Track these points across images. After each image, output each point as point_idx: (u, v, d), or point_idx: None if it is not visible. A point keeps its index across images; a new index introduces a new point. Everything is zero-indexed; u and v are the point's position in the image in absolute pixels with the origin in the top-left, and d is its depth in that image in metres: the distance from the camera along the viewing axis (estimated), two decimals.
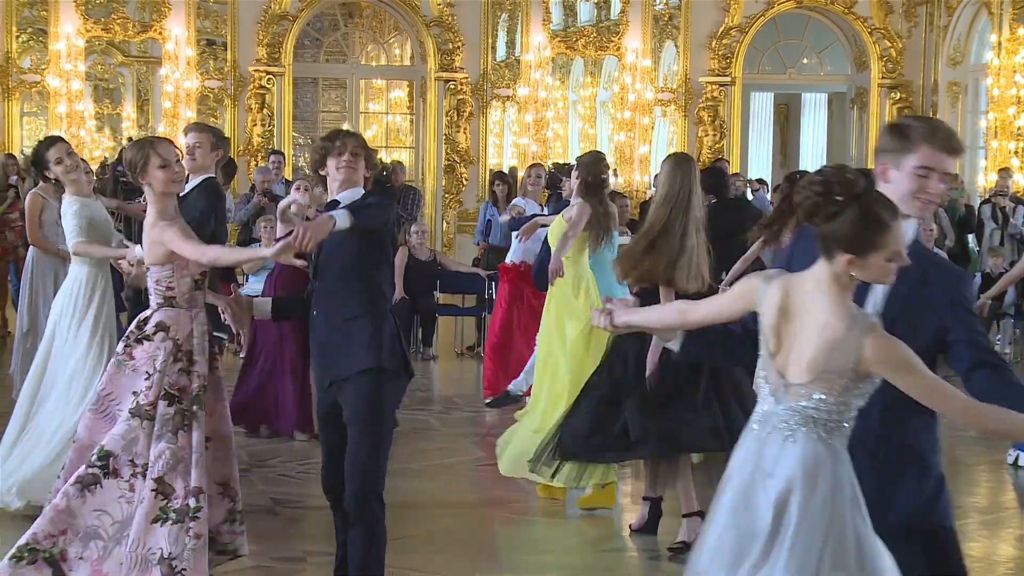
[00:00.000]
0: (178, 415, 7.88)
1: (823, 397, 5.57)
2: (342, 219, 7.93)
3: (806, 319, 5.60)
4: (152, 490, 7.81)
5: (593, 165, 13.18)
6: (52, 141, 11.92)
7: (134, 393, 7.92)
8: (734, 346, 6.83)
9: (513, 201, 18.99)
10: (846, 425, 5.68)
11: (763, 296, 5.68)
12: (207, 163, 10.77)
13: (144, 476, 7.82)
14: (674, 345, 6.25)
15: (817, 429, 5.59)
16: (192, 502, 7.83)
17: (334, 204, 8.11)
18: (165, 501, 7.80)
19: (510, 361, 16.52)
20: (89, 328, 11.11)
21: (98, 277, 11.29)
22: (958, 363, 5.95)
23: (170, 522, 7.77)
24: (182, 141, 11.26)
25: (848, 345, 5.44)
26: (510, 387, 15.69)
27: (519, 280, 16.50)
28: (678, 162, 11.71)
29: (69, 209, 11.30)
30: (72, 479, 7.86)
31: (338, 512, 8.30)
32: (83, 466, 7.87)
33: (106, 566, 7.86)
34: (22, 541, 7.79)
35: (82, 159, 14.28)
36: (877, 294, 5.90)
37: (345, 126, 31.05)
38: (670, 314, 6.46)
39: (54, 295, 13.97)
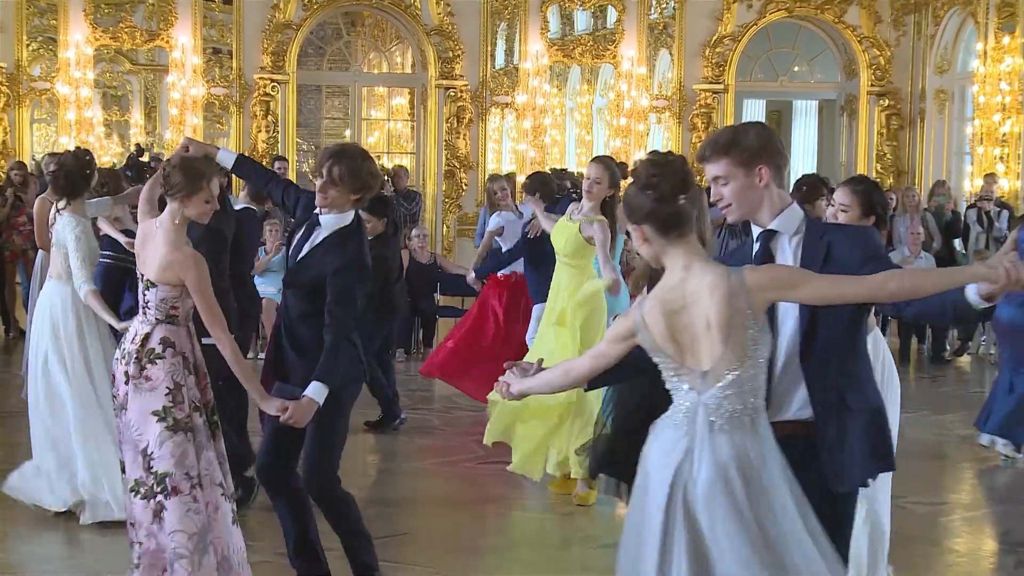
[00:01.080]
0: (208, 424, 8.05)
1: (737, 374, 5.68)
2: (320, 396, 8.20)
3: (691, 301, 5.73)
4: (221, 495, 8.01)
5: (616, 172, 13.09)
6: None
7: (163, 409, 7.87)
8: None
9: (493, 223, 18.20)
10: (761, 406, 5.80)
11: (640, 324, 5.81)
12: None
13: (202, 486, 7.89)
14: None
15: (742, 418, 5.69)
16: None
17: (315, 221, 8.27)
18: (233, 503, 8.11)
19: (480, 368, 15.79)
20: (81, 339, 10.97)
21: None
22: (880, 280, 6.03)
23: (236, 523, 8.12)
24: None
25: (736, 288, 5.62)
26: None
27: (515, 291, 16.37)
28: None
29: (71, 231, 10.89)
30: (147, 517, 7.86)
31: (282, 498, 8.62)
32: (145, 500, 7.90)
33: None
34: None
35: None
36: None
37: (347, 132, 33.27)
38: (557, 376, 6.58)
39: None
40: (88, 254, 10.82)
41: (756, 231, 6.38)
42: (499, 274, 16.26)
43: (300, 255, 8.34)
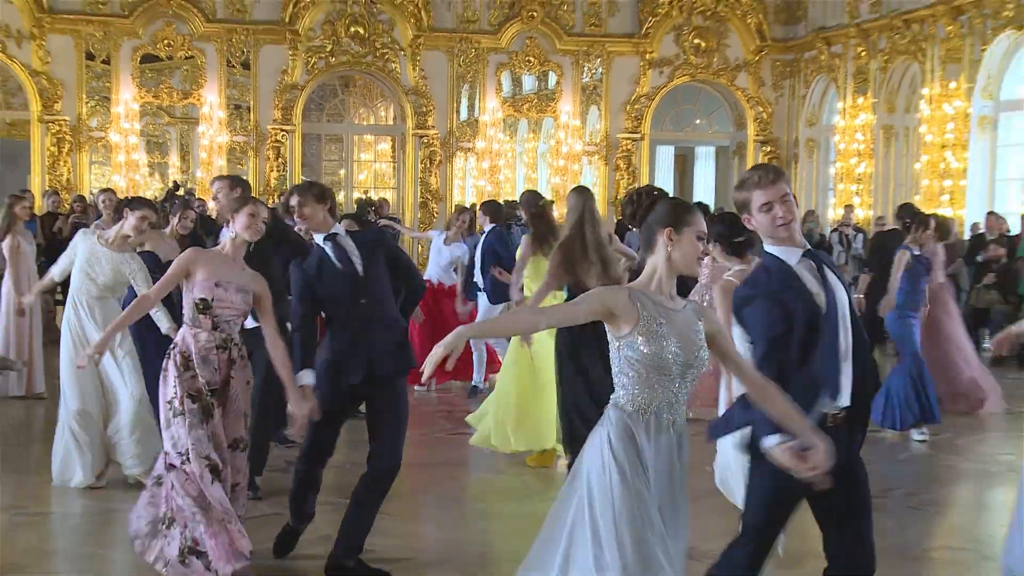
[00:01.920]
0: (200, 409, 8.03)
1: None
2: (309, 380, 8.29)
3: None
4: (229, 466, 8.19)
5: (532, 200, 13.63)
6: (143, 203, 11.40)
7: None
8: None
9: (447, 255, 18.43)
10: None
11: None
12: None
13: (189, 459, 7.98)
14: None
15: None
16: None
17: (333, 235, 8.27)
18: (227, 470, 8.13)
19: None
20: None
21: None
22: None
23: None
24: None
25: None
26: (475, 382, 16.26)
27: (440, 297, 17.10)
28: (579, 191, 12.28)
29: (137, 263, 11.00)
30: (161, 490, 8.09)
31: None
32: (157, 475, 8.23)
33: (212, 532, 7.91)
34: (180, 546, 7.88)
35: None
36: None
37: (342, 171, 33.08)
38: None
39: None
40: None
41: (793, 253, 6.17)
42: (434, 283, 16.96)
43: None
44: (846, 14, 29.01)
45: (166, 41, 28.41)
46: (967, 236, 22.69)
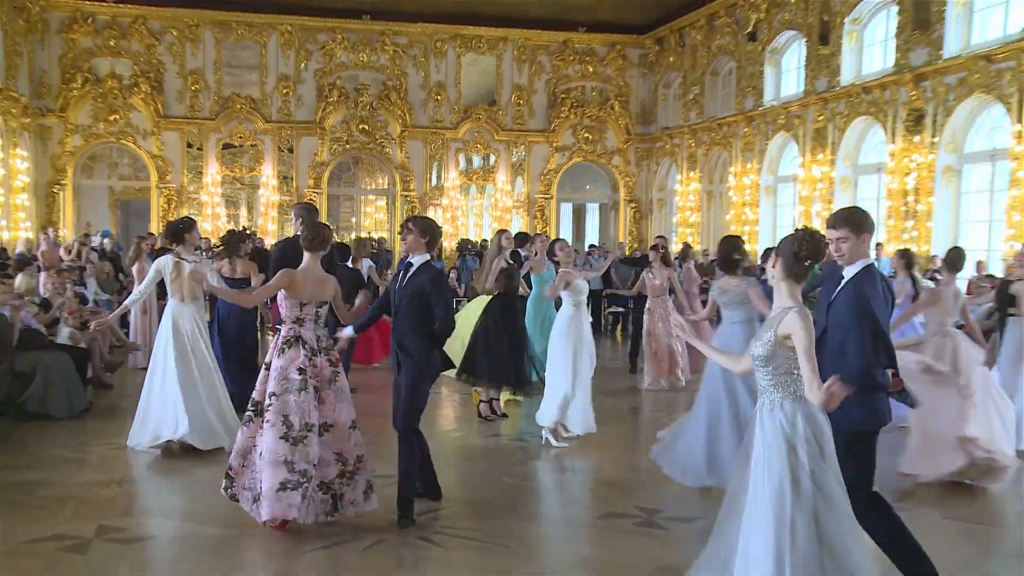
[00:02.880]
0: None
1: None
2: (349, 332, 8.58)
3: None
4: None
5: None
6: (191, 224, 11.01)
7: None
8: None
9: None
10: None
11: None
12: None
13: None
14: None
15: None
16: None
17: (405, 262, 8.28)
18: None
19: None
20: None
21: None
22: None
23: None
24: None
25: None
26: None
27: None
28: (495, 232, 13.23)
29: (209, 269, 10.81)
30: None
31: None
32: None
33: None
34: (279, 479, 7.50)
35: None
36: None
37: (353, 219, 34.36)
38: (727, 359, 6.38)
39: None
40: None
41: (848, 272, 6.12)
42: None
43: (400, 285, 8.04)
44: (681, 118, 31.10)
45: (239, 134, 30.31)
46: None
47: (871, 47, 23.74)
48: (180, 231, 10.66)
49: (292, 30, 30.58)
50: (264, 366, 7.87)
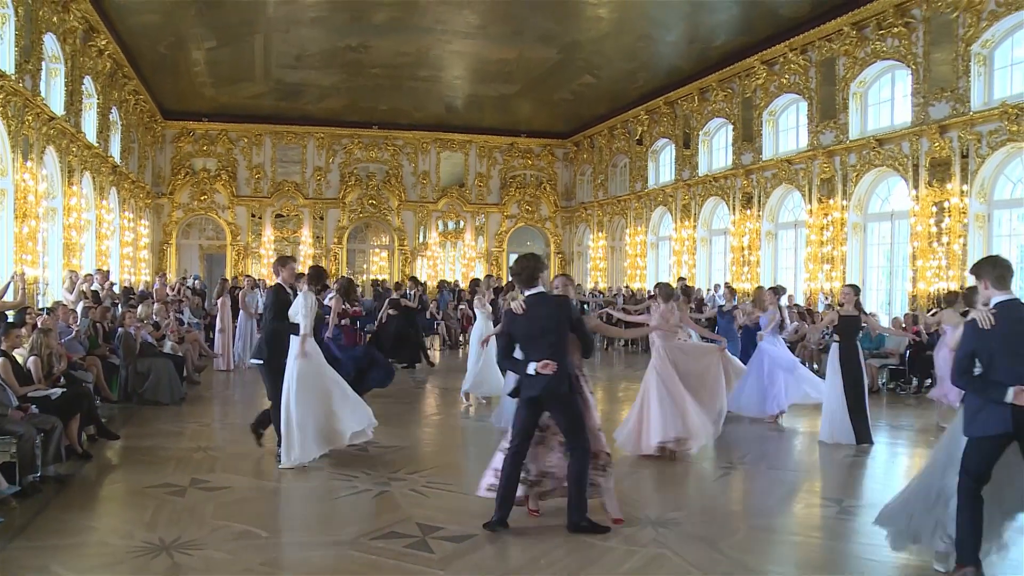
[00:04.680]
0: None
1: None
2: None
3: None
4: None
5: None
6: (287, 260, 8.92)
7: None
8: None
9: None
10: None
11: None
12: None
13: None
14: None
15: None
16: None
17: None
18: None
19: None
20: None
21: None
22: None
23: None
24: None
25: None
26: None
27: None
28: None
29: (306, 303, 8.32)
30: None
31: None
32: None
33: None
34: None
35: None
36: None
37: (364, 266, 32.83)
38: None
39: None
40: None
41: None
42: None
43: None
44: (592, 196, 31.16)
45: (286, 208, 30.36)
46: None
47: (718, 150, 24.15)
48: (321, 276, 8.97)
49: (324, 136, 30.85)
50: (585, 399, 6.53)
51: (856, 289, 10.51)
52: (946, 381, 9.83)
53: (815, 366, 14.78)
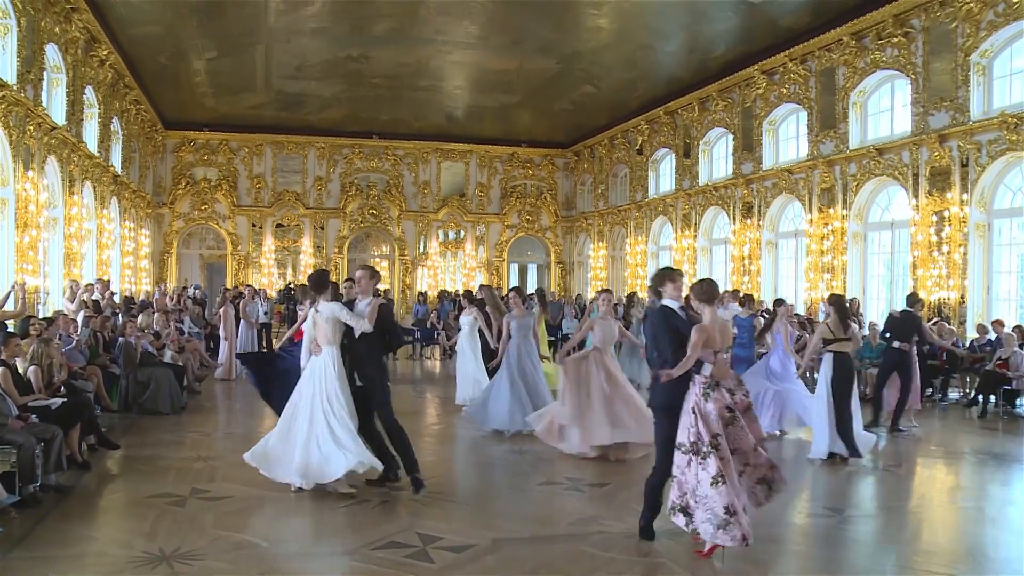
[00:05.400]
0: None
1: None
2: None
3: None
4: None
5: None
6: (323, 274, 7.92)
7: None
8: None
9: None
10: None
11: None
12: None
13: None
14: None
15: None
16: None
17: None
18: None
19: None
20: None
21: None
22: None
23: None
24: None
25: None
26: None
27: None
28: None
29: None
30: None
31: None
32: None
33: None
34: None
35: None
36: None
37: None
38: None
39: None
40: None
41: None
42: None
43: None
44: (592, 206, 31.07)
45: (287, 217, 30.28)
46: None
47: (718, 160, 24.17)
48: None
49: (325, 146, 30.78)
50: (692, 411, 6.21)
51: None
52: None
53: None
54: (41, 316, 12.87)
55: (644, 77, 23.44)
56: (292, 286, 26.75)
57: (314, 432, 7.62)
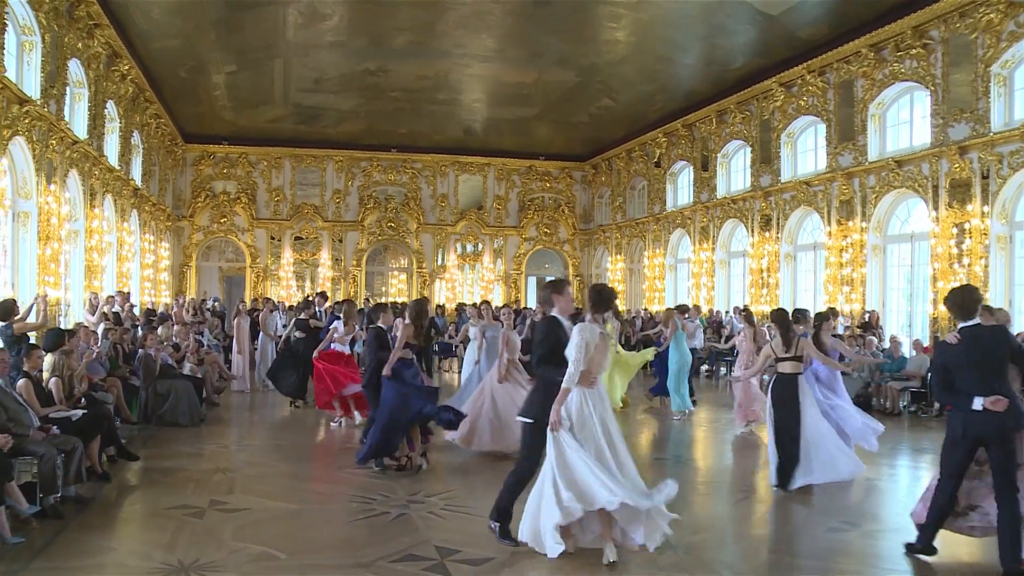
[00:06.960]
0: None
1: None
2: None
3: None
4: None
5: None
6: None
7: None
8: None
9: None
10: None
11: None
12: None
13: None
14: None
15: None
16: None
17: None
18: None
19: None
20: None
21: None
22: None
23: None
24: None
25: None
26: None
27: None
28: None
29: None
30: None
31: None
32: None
33: None
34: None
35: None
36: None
37: (383, 288, 32.57)
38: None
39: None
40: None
41: None
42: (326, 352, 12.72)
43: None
44: (610, 219, 31.07)
45: (305, 230, 30.34)
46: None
47: (736, 173, 24.18)
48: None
49: (343, 159, 30.91)
50: None
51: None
52: None
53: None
54: (62, 328, 13.02)
55: (662, 90, 23.46)
56: (310, 298, 26.61)
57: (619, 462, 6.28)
